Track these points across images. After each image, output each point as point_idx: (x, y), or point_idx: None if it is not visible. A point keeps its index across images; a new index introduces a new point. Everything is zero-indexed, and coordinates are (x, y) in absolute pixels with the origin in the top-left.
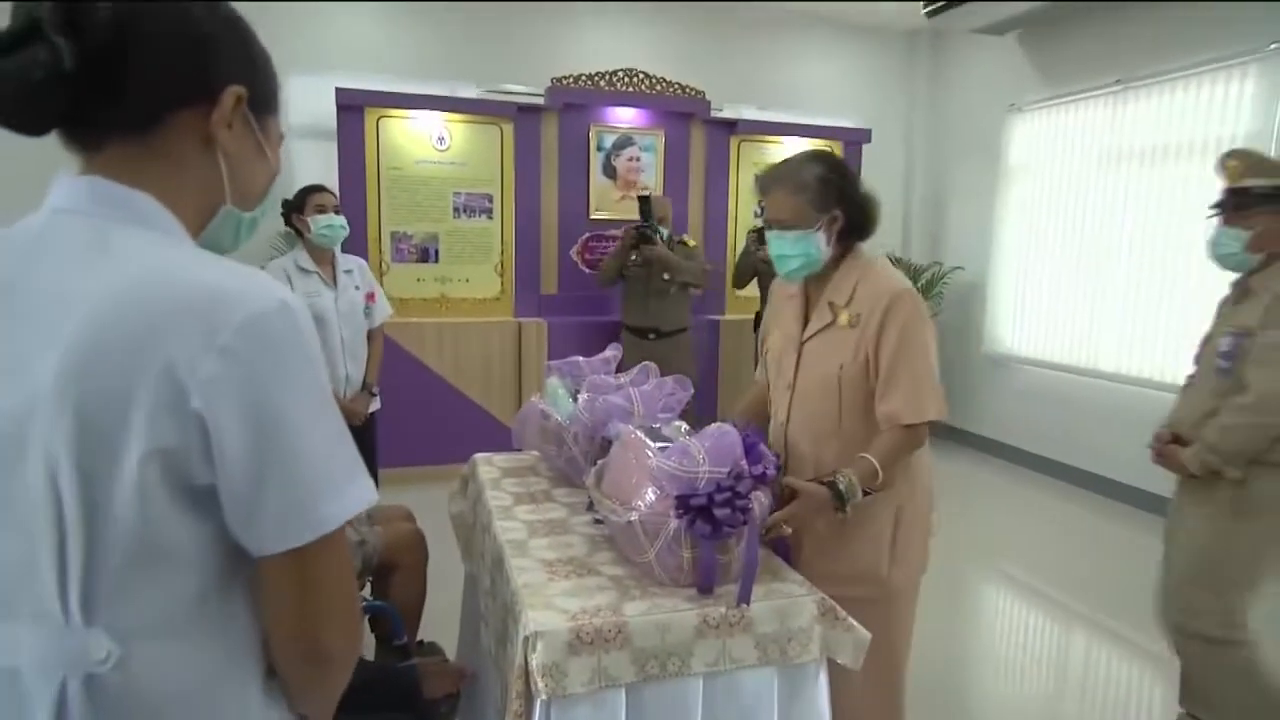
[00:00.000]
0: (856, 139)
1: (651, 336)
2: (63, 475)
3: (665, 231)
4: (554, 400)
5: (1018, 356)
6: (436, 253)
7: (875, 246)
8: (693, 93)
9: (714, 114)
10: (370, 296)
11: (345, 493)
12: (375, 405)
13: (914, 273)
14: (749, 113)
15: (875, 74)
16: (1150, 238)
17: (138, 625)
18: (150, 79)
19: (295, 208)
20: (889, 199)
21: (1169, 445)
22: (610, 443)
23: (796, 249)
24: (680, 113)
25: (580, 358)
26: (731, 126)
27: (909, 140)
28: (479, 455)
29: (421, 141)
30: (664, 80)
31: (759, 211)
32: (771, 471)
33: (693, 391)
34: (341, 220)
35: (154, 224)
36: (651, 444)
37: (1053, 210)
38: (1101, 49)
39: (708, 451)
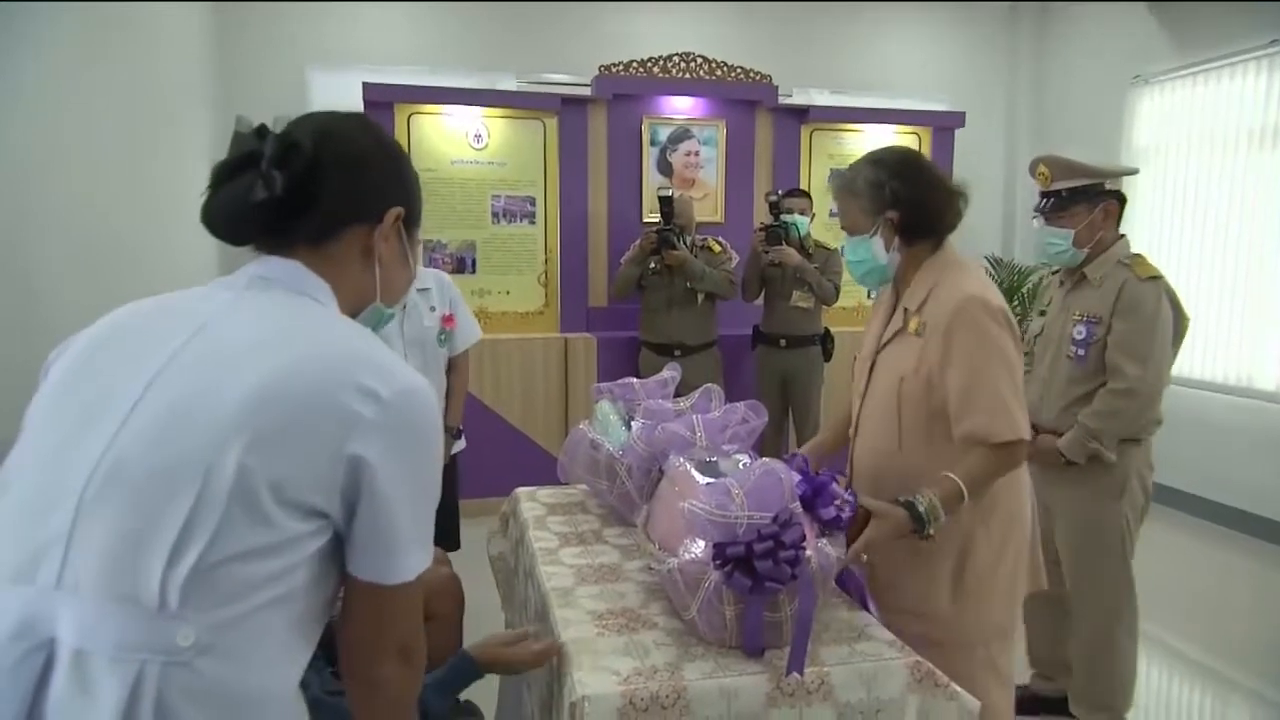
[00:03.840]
0: (948, 124)
1: (676, 354)
2: (221, 480)
3: (689, 238)
4: (604, 428)
5: None
6: (474, 262)
7: (973, 248)
8: (758, 77)
9: (782, 100)
10: (448, 319)
11: (420, 555)
12: (458, 446)
13: (1019, 276)
14: (822, 98)
15: (969, 48)
16: None
17: (222, 619)
18: (332, 201)
19: None
20: (987, 192)
21: (1040, 435)
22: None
23: (857, 254)
24: (744, 100)
25: (634, 379)
26: (802, 114)
27: (1010, 124)
28: (521, 490)
29: (456, 140)
30: (725, 64)
31: (773, 204)
32: (847, 513)
33: (766, 419)
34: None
35: (331, 306)
36: (700, 480)
37: (1191, 200)
38: (1252, 4)
39: (747, 493)
